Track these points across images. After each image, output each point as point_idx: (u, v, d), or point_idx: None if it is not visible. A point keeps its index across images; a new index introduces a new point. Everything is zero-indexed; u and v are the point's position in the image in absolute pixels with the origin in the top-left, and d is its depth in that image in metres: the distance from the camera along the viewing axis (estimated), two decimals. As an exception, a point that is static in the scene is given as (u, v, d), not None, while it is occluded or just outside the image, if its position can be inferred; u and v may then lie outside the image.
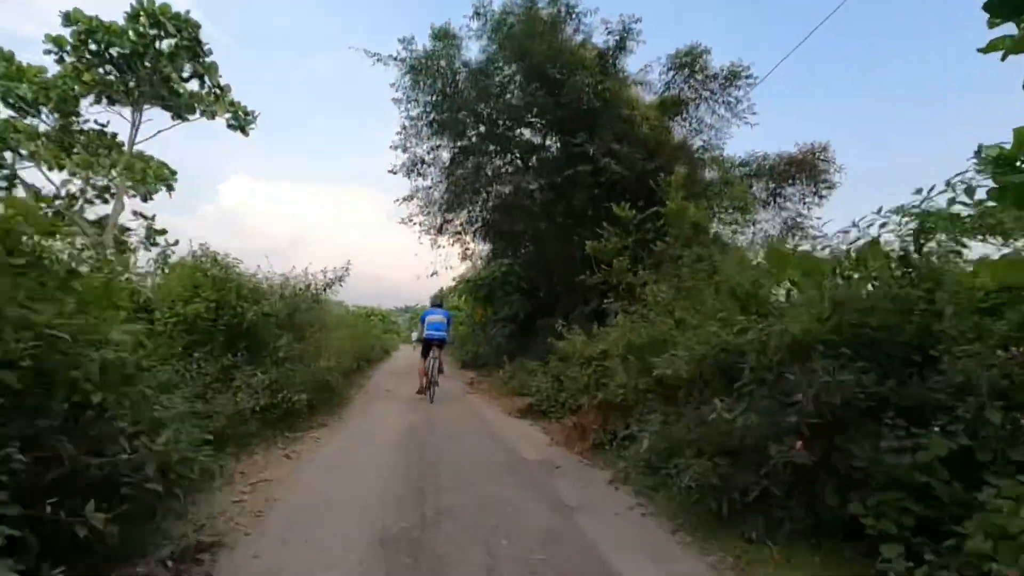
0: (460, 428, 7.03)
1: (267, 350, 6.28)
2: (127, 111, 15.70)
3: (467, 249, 14.52)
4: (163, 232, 16.57)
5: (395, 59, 11.52)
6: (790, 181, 10.60)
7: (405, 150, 12.59)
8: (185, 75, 14.55)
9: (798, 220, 10.49)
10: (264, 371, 5.93)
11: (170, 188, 16.58)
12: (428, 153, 12.70)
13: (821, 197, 10.50)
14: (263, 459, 5.13)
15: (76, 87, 14.12)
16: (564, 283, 13.84)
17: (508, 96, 11.85)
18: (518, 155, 12.84)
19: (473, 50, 11.81)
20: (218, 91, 15.15)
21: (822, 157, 10.45)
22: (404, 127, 12.51)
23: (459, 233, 14.01)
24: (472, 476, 4.83)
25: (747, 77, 10.81)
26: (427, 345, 9.38)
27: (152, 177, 13.47)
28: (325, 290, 8.42)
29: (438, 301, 11.10)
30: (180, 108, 15.52)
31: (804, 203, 10.46)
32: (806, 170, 10.47)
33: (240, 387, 5.58)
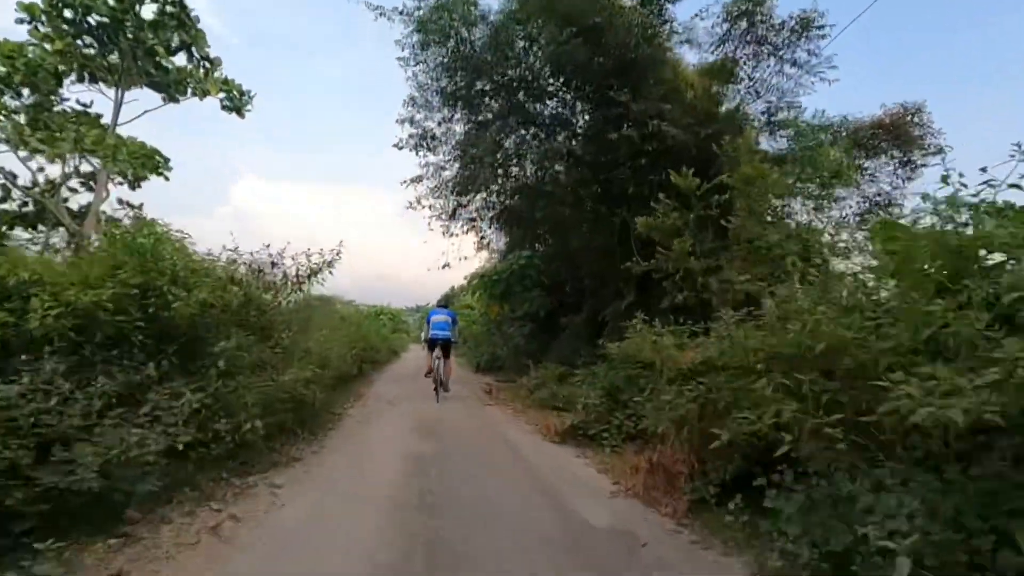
0: (483, 463, 4.91)
1: (213, 357, 4.20)
2: (114, 92, 13.82)
3: (483, 238, 12.41)
4: (152, 223, 14.62)
5: (401, 13, 9.48)
6: (875, 152, 8.39)
7: (413, 123, 10.52)
8: (173, 45, 12.58)
9: (888, 197, 8.28)
10: (198, 387, 3.85)
11: (157, 173, 14.65)
12: (439, 125, 10.62)
13: (915, 168, 8.29)
14: (174, 536, 3.03)
15: (50, 60, 12.19)
16: (593, 276, 11.75)
17: (532, 57, 9.78)
18: (542, 132, 10.72)
19: (492, 5, 9.76)
20: (207, 65, 13.20)
21: (916, 120, 8.25)
22: (412, 98, 10.45)
23: (474, 220, 11.91)
24: (512, 571, 2.73)
25: (820, 27, 8.65)
26: (432, 344, 8.86)
27: (126, 155, 11.54)
28: (310, 278, 6.35)
29: (443, 302, 10.54)
30: (169, 85, 13.55)
31: (897, 175, 8.26)
32: (897, 137, 8.27)
33: (155, 414, 3.51)
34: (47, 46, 12.28)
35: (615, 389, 5.72)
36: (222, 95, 14.19)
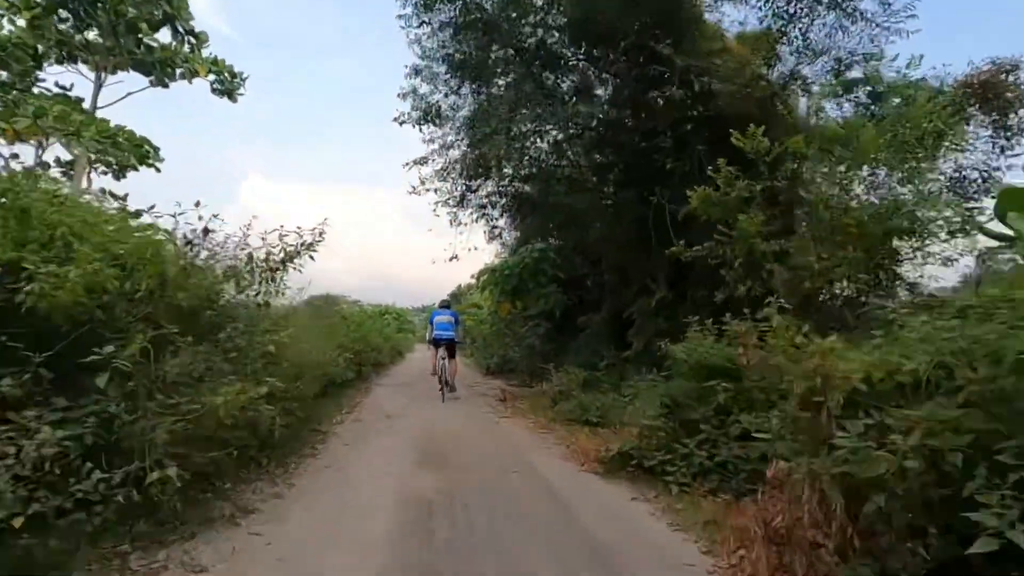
0: (508, 513, 3.42)
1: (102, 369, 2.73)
2: (95, 73, 12.45)
3: (494, 227, 10.94)
4: (138, 215, 13.23)
5: (402, -35, 8.06)
6: (960, 117, 6.86)
7: (416, 94, 9.08)
8: (156, 18, 11.21)
9: (985, 169, 6.75)
10: (82, 415, 2.41)
11: (148, 164, 13.29)
12: (445, 97, 9.17)
13: (1012, 135, 6.77)
14: None
15: (22, 36, 10.84)
16: (615, 270, 10.30)
17: (552, 20, 8.36)
18: (560, 108, 9.27)
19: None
20: (192, 40, 11.83)
21: (1011, 79, 6.73)
22: (415, 68, 9.02)
23: (484, 207, 10.45)
24: None
25: (890, -27, 7.13)
26: (436, 344, 8.56)
27: (95, 134, 10.16)
28: (284, 265, 4.90)
29: (446, 303, 9.87)
30: (154, 65, 12.16)
31: (993, 143, 6.73)
32: (988, 100, 6.75)
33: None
34: (20, 21, 10.93)
35: (677, 405, 4.23)
36: (212, 77, 12.81)
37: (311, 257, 5.07)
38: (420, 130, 9.24)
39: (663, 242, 8.40)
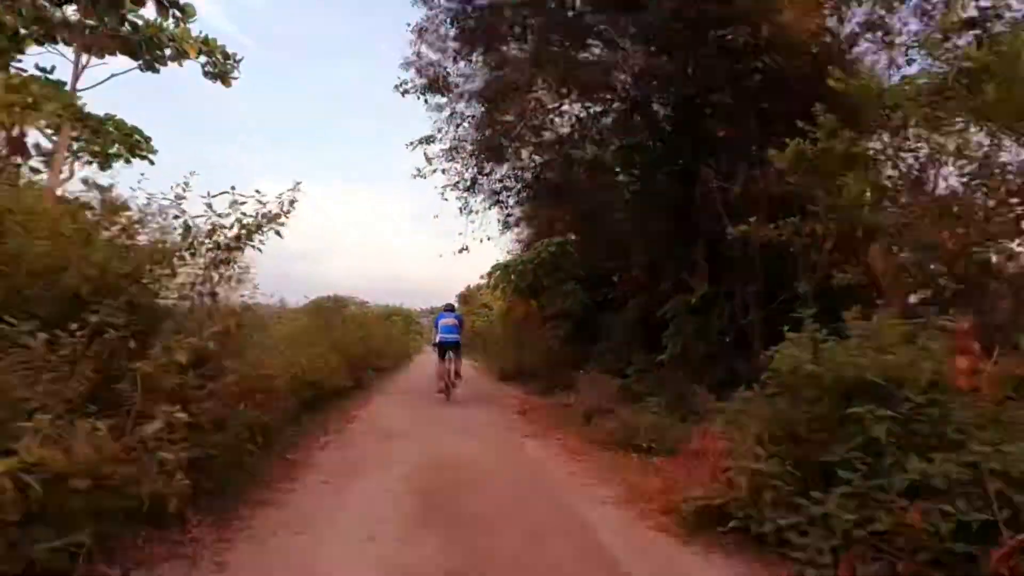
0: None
1: None
2: (89, 59, 11.28)
3: (508, 215, 9.57)
4: (125, 209, 11.99)
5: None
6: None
7: (420, 57, 7.77)
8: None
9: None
10: None
11: (141, 156, 12.08)
12: (455, 63, 7.85)
13: None
14: None
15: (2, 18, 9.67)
16: (646, 266, 8.94)
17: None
18: (584, 75, 7.89)
19: None
20: (177, 14, 10.63)
21: None
22: (420, 28, 7.69)
23: (498, 193, 9.09)
24: None
25: None
26: (442, 348, 8.18)
27: (58, 109, 8.96)
28: (241, 241, 3.58)
29: (450, 306, 9.47)
30: (141, 45, 10.96)
31: None
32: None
33: None
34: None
35: (795, 439, 2.81)
36: (203, 59, 11.58)
37: (277, 233, 3.74)
38: (425, 101, 7.92)
39: (708, 229, 7.05)
